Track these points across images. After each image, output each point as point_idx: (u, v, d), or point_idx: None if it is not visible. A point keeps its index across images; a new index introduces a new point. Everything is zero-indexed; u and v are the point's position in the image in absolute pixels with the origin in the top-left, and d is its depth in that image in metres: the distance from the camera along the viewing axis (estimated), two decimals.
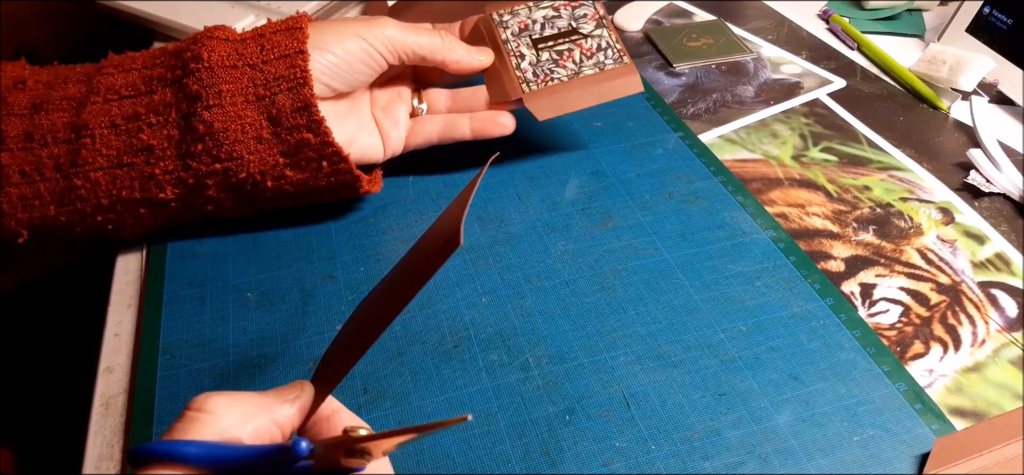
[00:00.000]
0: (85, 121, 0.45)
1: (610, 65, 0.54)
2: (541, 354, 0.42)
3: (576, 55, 0.55)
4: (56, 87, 0.47)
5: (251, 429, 0.30)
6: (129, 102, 0.46)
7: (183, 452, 0.28)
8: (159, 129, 0.45)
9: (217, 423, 0.29)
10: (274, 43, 0.46)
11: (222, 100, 0.45)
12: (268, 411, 0.31)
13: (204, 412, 0.29)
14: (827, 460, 0.37)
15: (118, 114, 0.45)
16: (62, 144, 0.45)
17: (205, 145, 0.45)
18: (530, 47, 0.55)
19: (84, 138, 0.45)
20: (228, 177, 0.46)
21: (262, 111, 0.45)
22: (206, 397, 0.30)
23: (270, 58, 0.46)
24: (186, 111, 0.45)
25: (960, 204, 0.53)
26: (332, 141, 0.46)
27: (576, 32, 0.56)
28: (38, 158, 0.45)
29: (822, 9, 0.79)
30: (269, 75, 0.45)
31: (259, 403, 0.31)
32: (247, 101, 0.45)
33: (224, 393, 0.30)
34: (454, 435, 0.38)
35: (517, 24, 0.56)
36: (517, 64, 0.54)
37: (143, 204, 0.47)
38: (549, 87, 0.53)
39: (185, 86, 0.45)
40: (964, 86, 0.63)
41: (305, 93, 0.45)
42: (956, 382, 0.41)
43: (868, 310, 0.45)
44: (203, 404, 0.29)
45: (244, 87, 0.45)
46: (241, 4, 0.74)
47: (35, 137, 0.46)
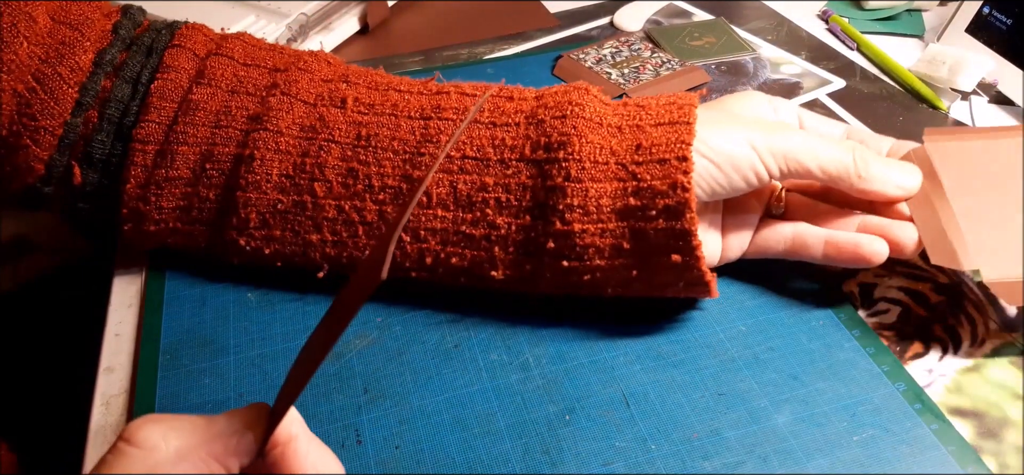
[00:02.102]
0: (421, 176, 0.40)
1: (676, 68, 0.68)
2: (541, 354, 0.42)
3: (648, 69, 0.67)
4: (383, 114, 0.42)
5: (188, 467, 0.26)
6: (474, 166, 0.41)
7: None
8: (508, 210, 0.40)
9: (147, 459, 0.26)
10: (653, 141, 0.39)
11: (587, 202, 0.39)
12: (210, 445, 0.27)
13: (134, 445, 0.26)
14: (826, 460, 0.37)
15: (461, 178, 0.40)
16: (389, 191, 0.41)
17: (557, 243, 0.40)
18: (613, 67, 0.68)
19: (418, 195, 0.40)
20: (569, 276, 0.41)
21: (628, 223, 0.39)
22: (140, 425, 0.26)
23: (646, 159, 0.39)
24: (543, 200, 0.40)
25: None
26: (702, 269, 0.39)
27: (638, 58, 0.69)
28: (361, 201, 0.41)
29: (821, 9, 0.79)
30: (644, 183, 0.38)
31: (202, 435, 0.27)
32: (613, 210, 0.39)
33: (163, 420, 0.27)
34: (454, 435, 0.38)
35: (593, 59, 0.69)
36: (608, 76, 0.66)
37: (464, 274, 0.42)
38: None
39: (547, 172, 0.40)
40: (963, 86, 0.63)
41: (686, 222, 0.38)
42: (956, 382, 0.41)
43: (868, 310, 0.45)
44: (135, 434, 0.26)
45: (614, 192, 0.39)
46: (241, 4, 0.75)
47: (359, 175, 0.41)
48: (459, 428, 0.39)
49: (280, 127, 0.42)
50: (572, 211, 0.39)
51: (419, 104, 0.43)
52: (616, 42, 0.72)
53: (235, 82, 0.45)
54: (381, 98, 0.44)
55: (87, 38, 0.45)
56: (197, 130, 0.43)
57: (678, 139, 0.39)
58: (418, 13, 0.79)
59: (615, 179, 0.39)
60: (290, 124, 0.43)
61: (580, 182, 0.39)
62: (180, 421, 0.27)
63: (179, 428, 0.27)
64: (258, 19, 0.73)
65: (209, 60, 0.45)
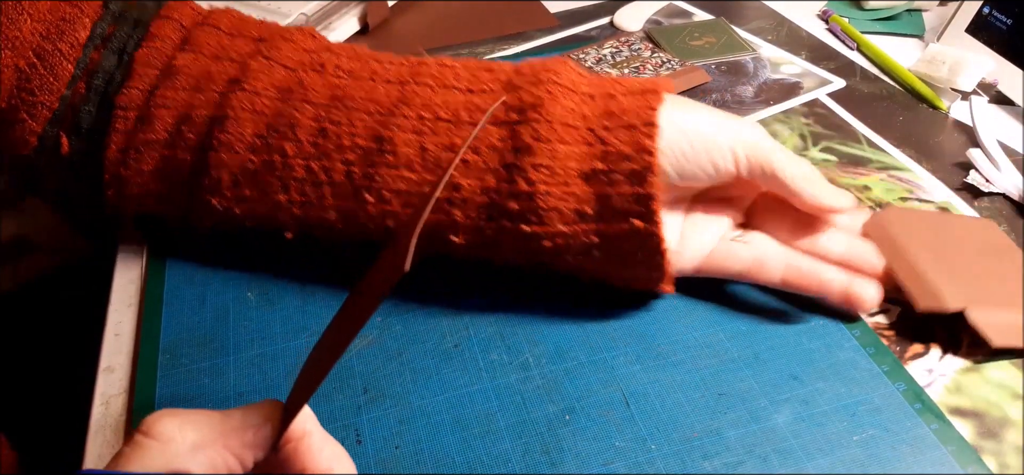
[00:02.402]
0: (391, 136, 0.40)
1: (676, 68, 0.67)
2: (541, 353, 0.42)
3: (648, 69, 0.67)
4: (361, 79, 0.42)
5: (204, 460, 0.27)
6: (446, 128, 0.40)
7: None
8: (474, 170, 0.40)
9: (164, 451, 0.26)
10: (623, 108, 0.40)
11: (554, 162, 0.39)
12: (226, 438, 0.27)
13: (151, 438, 0.26)
14: (826, 459, 0.37)
15: (430, 139, 0.40)
16: (359, 151, 0.41)
17: (521, 205, 0.40)
18: (614, 67, 0.67)
19: (387, 154, 0.40)
20: (530, 242, 0.41)
21: (593, 186, 0.39)
22: (157, 418, 0.27)
23: (615, 125, 0.39)
24: (510, 161, 0.40)
25: (960, 204, 0.53)
26: (661, 237, 0.39)
27: (639, 58, 0.69)
28: (329, 161, 0.41)
29: (821, 9, 0.79)
30: (611, 148, 0.39)
31: (219, 429, 0.28)
32: (580, 173, 0.39)
33: (179, 414, 0.27)
34: (454, 435, 0.38)
35: (593, 59, 0.69)
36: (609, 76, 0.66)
37: (425, 238, 0.42)
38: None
39: (517, 133, 0.40)
40: (963, 86, 0.63)
41: (649, 186, 0.38)
42: (956, 382, 0.41)
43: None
44: (152, 427, 0.27)
45: (581, 154, 0.39)
46: (241, 4, 0.74)
47: (329, 134, 0.41)
48: (459, 428, 0.39)
49: (257, 87, 0.42)
50: (538, 170, 0.39)
51: (397, 71, 0.43)
52: (616, 42, 0.72)
53: (219, 49, 0.45)
54: (361, 66, 0.44)
55: (86, 14, 0.45)
56: (177, 94, 0.43)
57: (646, 105, 0.39)
58: (418, 13, 0.79)
59: (584, 143, 0.39)
60: (268, 85, 0.43)
61: (549, 142, 0.39)
62: (196, 415, 0.27)
63: (195, 421, 0.27)
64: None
65: (195, 30, 0.45)
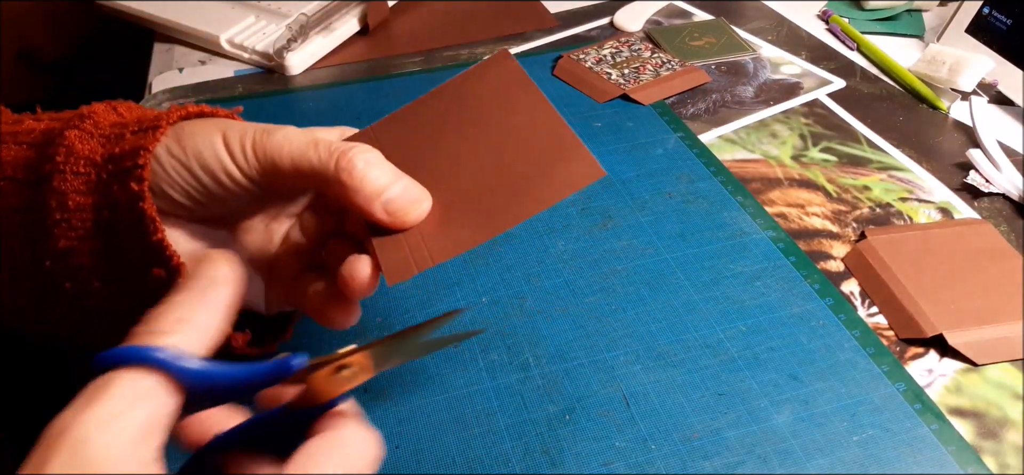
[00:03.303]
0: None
1: (676, 68, 0.68)
2: (541, 354, 0.42)
3: (648, 69, 0.67)
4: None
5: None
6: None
7: (178, 367, 0.24)
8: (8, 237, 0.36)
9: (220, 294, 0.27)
10: (125, 148, 0.34)
11: (71, 216, 0.34)
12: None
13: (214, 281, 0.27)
14: (826, 460, 0.37)
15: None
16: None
17: (54, 264, 0.35)
18: (613, 67, 0.67)
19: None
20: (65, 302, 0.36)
21: (104, 239, 0.35)
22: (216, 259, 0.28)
23: (118, 168, 0.34)
24: (37, 211, 0.35)
25: (960, 204, 0.53)
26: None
27: (639, 58, 0.69)
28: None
29: (822, 9, 0.79)
30: (112, 196, 0.34)
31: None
32: (96, 225, 0.35)
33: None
34: (454, 435, 0.38)
35: (593, 59, 0.69)
36: (608, 77, 0.66)
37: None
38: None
39: (37, 190, 0.35)
40: (963, 86, 0.63)
41: (150, 235, 0.33)
42: (955, 382, 0.41)
43: (867, 310, 0.45)
44: (212, 269, 0.27)
45: (94, 205, 0.34)
46: (241, 4, 0.75)
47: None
48: (459, 428, 0.39)
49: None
50: (58, 227, 0.34)
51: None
52: (616, 42, 0.72)
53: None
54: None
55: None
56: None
57: (141, 145, 0.34)
58: (418, 13, 0.79)
59: (94, 191, 0.34)
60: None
61: (62, 194, 0.34)
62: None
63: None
64: (258, 19, 0.73)
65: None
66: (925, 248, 0.49)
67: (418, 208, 0.34)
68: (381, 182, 0.33)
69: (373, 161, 0.34)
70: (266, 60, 0.69)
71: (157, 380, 0.24)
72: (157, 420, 0.24)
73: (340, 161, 0.33)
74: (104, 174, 0.34)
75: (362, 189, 0.33)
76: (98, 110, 0.37)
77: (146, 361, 0.24)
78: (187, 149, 0.34)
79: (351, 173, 0.33)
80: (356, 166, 0.33)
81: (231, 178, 0.34)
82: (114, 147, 0.34)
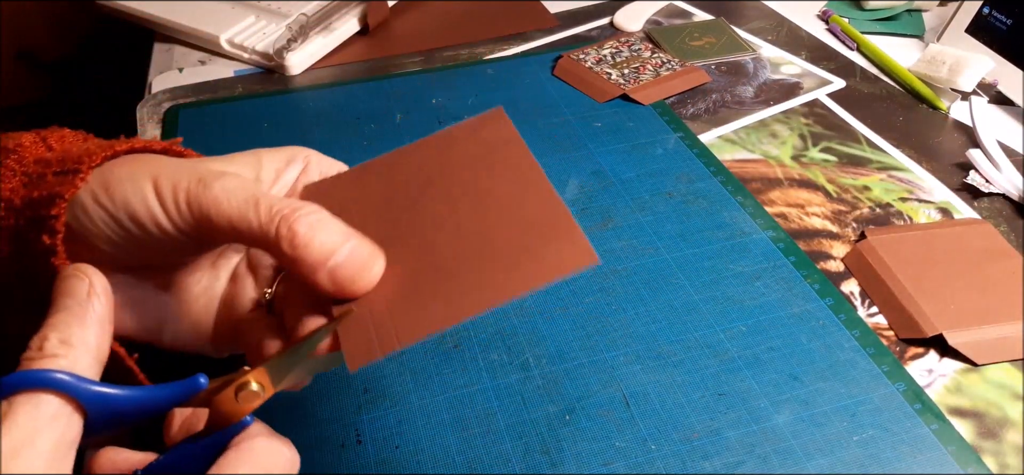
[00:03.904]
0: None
1: (676, 68, 0.67)
2: (541, 354, 0.42)
3: (648, 69, 0.67)
4: None
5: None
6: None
7: (77, 388, 0.24)
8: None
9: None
10: (43, 193, 0.31)
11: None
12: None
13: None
14: (826, 460, 0.37)
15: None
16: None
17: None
18: (613, 67, 0.67)
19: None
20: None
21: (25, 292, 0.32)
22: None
23: (33, 215, 0.31)
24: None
25: (959, 204, 0.53)
26: (121, 352, 0.31)
27: (639, 59, 0.69)
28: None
29: (821, 9, 0.79)
30: (27, 247, 0.31)
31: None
32: (17, 278, 0.32)
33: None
34: (454, 435, 0.38)
35: (593, 59, 0.69)
36: (608, 77, 0.65)
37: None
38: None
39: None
40: (963, 86, 0.63)
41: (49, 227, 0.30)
42: (955, 382, 0.41)
43: (867, 310, 0.45)
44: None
45: (10, 255, 0.32)
46: (241, 4, 0.75)
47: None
48: (459, 428, 0.39)
49: None
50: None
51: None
52: (616, 42, 0.72)
53: None
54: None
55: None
56: None
57: (57, 192, 0.30)
58: (418, 13, 0.79)
59: (12, 241, 0.31)
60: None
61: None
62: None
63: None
64: (258, 19, 0.73)
65: None
66: (925, 248, 0.49)
67: (368, 274, 0.30)
68: (327, 247, 0.29)
69: (318, 224, 0.29)
70: (266, 60, 0.69)
71: (60, 402, 0.24)
72: (66, 443, 0.24)
73: (281, 228, 0.29)
74: (22, 220, 0.31)
75: (305, 259, 0.29)
76: (25, 143, 0.33)
77: (45, 385, 0.23)
78: (115, 197, 0.30)
79: (293, 241, 0.29)
80: (298, 233, 0.29)
81: (162, 230, 0.30)
82: (33, 190, 0.31)
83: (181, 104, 0.64)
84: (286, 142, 0.37)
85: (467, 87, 0.66)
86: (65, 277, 0.27)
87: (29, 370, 0.23)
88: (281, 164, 0.35)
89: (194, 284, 0.35)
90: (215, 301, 0.36)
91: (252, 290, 0.35)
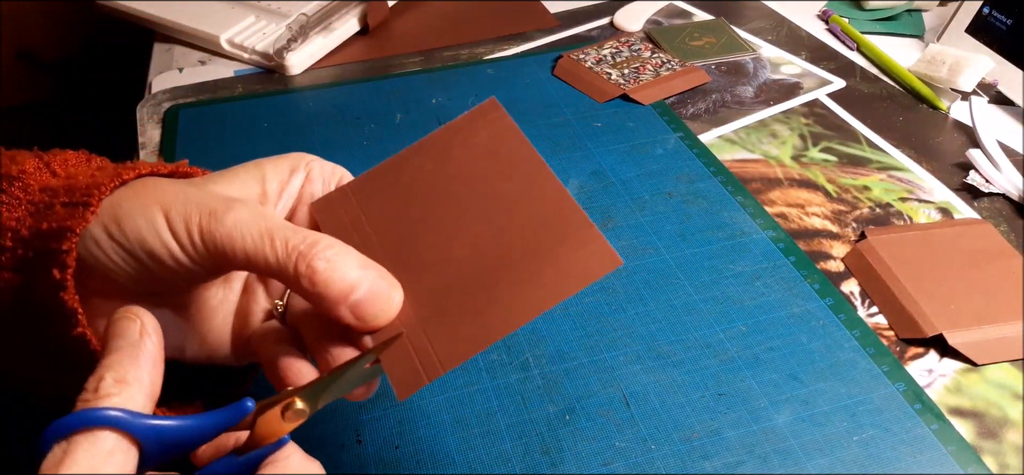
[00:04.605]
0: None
1: (676, 68, 0.67)
2: (541, 354, 0.42)
3: (648, 69, 0.67)
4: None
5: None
6: None
7: (131, 424, 0.25)
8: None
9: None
10: (52, 223, 0.31)
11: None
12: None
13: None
14: (826, 460, 0.37)
15: None
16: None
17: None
18: (613, 67, 0.67)
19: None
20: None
21: (28, 325, 0.32)
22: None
23: (41, 248, 0.31)
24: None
25: (960, 204, 0.53)
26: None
27: (639, 59, 0.69)
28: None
29: (821, 9, 0.79)
30: (33, 280, 0.31)
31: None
32: (19, 311, 0.32)
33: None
34: (454, 435, 0.38)
35: (593, 59, 0.68)
36: (608, 77, 0.65)
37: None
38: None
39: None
40: (963, 86, 0.63)
41: (70, 327, 0.31)
42: (955, 382, 0.41)
43: (867, 310, 0.45)
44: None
45: (15, 285, 0.32)
46: (241, 4, 0.75)
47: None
48: (459, 428, 0.39)
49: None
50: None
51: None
52: (616, 42, 0.72)
53: None
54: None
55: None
56: None
57: (67, 227, 0.30)
58: (418, 13, 0.79)
59: (20, 270, 0.31)
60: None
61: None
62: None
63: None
64: (258, 19, 0.73)
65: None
66: (925, 248, 0.49)
67: (388, 306, 0.31)
68: (346, 283, 0.29)
69: (335, 259, 0.30)
70: (266, 60, 0.69)
71: (116, 438, 0.24)
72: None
73: (299, 265, 0.29)
74: (30, 252, 0.31)
75: (326, 295, 0.29)
76: (28, 169, 0.33)
77: (101, 423, 0.24)
78: (127, 231, 0.31)
79: (312, 279, 0.29)
80: (318, 270, 0.29)
81: (177, 263, 0.31)
82: (41, 221, 0.31)
83: (181, 104, 0.64)
84: (286, 142, 0.37)
85: (467, 87, 0.66)
86: (117, 319, 0.28)
87: (85, 410, 0.24)
88: (285, 175, 0.35)
89: (210, 299, 0.36)
90: (231, 313, 0.36)
91: (264, 301, 0.36)
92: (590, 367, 0.42)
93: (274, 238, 0.30)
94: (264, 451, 0.28)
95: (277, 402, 0.28)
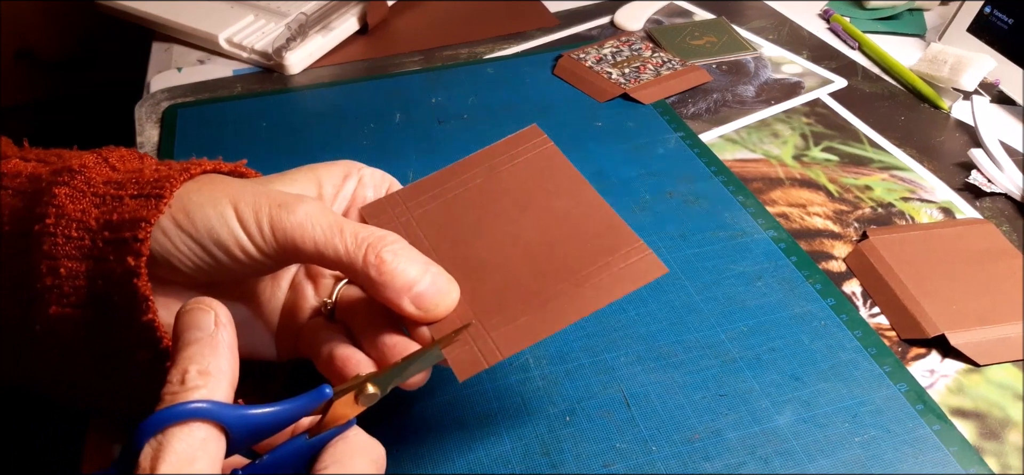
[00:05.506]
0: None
1: (677, 68, 0.67)
2: (541, 354, 0.42)
3: (649, 69, 0.67)
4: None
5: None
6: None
7: (219, 414, 0.26)
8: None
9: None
10: (124, 215, 0.32)
11: (62, 283, 0.33)
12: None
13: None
14: (828, 461, 0.37)
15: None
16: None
17: (44, 326, 0.33)
18: (614, 67, 0.67)
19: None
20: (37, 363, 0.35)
21: (95, 309, 0.33)
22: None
23: (115, 237, 0.32)
24: (22, 281, 0.34)
25: (961, 204, 0.53)
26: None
27: (639, 58, 0.69)
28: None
29: (823, 9, 0.79)
30: (107, 265, 0.32)
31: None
32: (89, 295, 0.33)
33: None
34: (454, 435, 0.38)
35: (593, 59, 0.68)
36: (609, 76, 0.65)
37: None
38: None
39: (23, 248, 0.34)
40: (965, 86, 0.63)
41: (140, 314, 0.32)
42: (957, 382, 0.41)
43: (869, 310, 0.45)
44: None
45: (87, 272, 0.33)
46: (241, 4, 0.74)
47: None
48: (459, 428, 0.39)
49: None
50: (50, 293, 0.32)
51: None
52: (616, 42, 0.71)
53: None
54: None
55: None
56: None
57: (142, 217, 0.32)
58: (418, 13, 0.79)
59: (87, 257, 0.32)
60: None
61: (54, 259, 0.32)
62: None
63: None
64: (257, 19, 0.73)
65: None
66: (927, 248, 0.48)
67: (447, 300, 0.33)
68: (410, 276, 0.32)
69: (401, 253, 0.32)
70: (265, 59, 0.69)
71: (207, 428, 0.25)
72: (216, 466, 0.25)
73: (368, 256, 0.32)
74: (100, 242, 0.32)
75: (392, 284, 0.32)
76: (89, 164, 0.34)
77: (192, 416, 0.25)
78: (197, 223, 0.32)
79: (380, 269, 0.32)
80: (385, 261, 0.32)
81: (246, 254, 0.33)
82: (111, 212, 0.32)
83: (180, 103, 0.64)
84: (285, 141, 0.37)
85: (467, 87, 0.66)
86: (190, 310, 0.28)
87: (176, 405, 0.25)
88: (339, 180, 0.37)
89: (260, 295, 0.37)
90: (278, 310, 0.37)
91: (313, 298, 0.37)
92: (590, 368, 0.41)
93: (344, 230, 0.32)
94: (332, 432, 0.29)
95: (351, 388, 0.29)
